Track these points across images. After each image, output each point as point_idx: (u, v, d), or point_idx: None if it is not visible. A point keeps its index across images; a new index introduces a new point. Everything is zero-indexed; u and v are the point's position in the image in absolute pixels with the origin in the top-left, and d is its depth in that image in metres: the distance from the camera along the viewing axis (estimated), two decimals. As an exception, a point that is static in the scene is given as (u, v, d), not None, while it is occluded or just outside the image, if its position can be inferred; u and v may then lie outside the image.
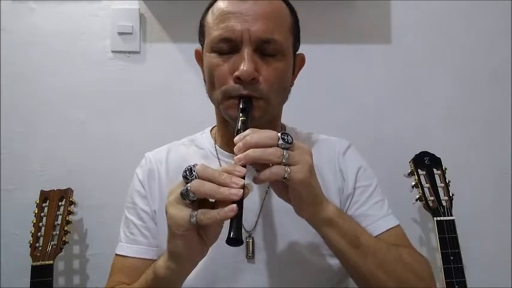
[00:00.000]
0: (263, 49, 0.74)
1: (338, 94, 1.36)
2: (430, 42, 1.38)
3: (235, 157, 0.60)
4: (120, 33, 1.34)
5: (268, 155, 0.59)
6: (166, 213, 0.61)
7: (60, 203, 1.19)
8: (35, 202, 1.19)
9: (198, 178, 0.58)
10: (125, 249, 0.84)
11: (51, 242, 1.15)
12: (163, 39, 1.35)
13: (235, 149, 0.61)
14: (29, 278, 1.10)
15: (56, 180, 1.27)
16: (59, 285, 1.28)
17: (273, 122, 0.84)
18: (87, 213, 1.30)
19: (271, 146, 0.60)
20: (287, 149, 0.61)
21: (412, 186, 1.20)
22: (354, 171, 0.86)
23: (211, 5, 0.80)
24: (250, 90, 0.73)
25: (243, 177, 0.58)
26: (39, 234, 1.15)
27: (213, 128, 0.93)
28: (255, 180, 0.61)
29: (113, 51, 1.35)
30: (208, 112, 0.91)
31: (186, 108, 1.34)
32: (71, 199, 1.21)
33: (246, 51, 0.72)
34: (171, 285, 0.67)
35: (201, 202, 0.59)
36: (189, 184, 0.58)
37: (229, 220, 0.57)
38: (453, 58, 1.38)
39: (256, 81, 0.73)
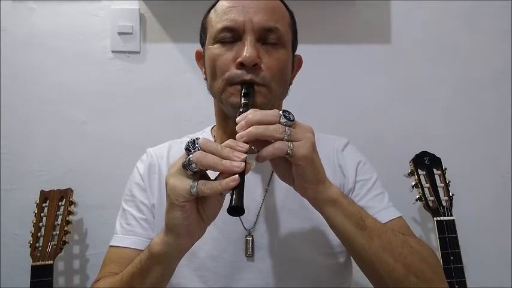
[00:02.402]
0: (265, 38, 0.76)
1: (338, 94, 1.36)
2: (430, 42, 1.38)
3: (238, 134, 0.60)
4: (120, 33, 1.34)
5: (271, 131, 0.59)
6: (166, 184, 0.60)
7: (60, 203, 1.19)
8: (35, 202, 1.19)
9: (201, 150, 0.58)
10: (121, 240, 0.83)
11: (51, 242, 1.15)
12: (163, 39, 1.35)
13: (238, 127, 0.61)
14: (29, 278, 1.10)
15: (56, 180, 1.27)
16: (59, 285, 1.28)
17: None
18: (87, 213, 1.30)
19: (273, 124, 0.60)
20: (289, 126, 0.61)
21: (412, 186, 1.20)
22: (353, 166, 0.86)
23: (213, 6, 0.82)
24: (252, 75, 0.74)
25: (245, 153, 0.58)
26: (39, 234, 1.15)
27: (213, 127, 0.93)
28: (258, 158, 0.61)
29: (113, 51, 1.35)
30: (208, 112, 0.92)
31: (186, 108, 1.34)
32: (71, 199, 1.21)
33: (249, 39, 0.74)
34: (167, 263, 0.66)
35: (201, 178, 0.59)
36: (191, 155, 0.58)
37: (231, 192, 0.56)
38: (453, 58, 1.38)
39: (258, 68, 0.75)
